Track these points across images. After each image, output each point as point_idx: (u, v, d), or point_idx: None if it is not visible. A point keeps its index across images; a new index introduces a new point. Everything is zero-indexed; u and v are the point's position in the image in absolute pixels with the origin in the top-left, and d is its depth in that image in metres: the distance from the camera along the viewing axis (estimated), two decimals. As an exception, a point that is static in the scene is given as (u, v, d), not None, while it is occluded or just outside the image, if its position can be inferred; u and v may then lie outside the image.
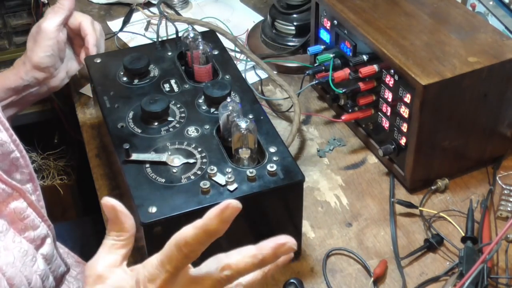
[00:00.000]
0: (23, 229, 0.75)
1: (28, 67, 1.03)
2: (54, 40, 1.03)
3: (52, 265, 0.81)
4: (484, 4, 1.10)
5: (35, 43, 1.03)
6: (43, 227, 0.78)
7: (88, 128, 1.11)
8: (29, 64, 1.03)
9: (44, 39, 1.03)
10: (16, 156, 0.77)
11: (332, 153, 1.05)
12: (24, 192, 0.75)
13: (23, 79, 1.04)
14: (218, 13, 1.34)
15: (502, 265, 0.86)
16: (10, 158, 0.76)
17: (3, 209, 0.73)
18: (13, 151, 0.76)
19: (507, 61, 0.89)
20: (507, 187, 0.95)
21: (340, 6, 1.02)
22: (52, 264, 0.81)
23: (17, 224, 0.75)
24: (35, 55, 1.03)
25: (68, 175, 1.80)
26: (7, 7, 1.79)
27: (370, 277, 0.85)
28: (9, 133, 0.76)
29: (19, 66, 1.05)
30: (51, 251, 0.80)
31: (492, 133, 0.97)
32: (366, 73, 0.96)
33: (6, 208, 0.73)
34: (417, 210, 0.93)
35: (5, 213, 0.73)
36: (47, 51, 1.03)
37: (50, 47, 1.03)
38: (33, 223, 0.76)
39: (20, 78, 1.03)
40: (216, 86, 0.90)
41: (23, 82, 1.04)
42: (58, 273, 0.84)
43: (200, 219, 0.57)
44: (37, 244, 0.77)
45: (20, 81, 1.04)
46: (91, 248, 0.66)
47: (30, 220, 0.76)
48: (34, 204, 0.77)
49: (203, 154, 0.82)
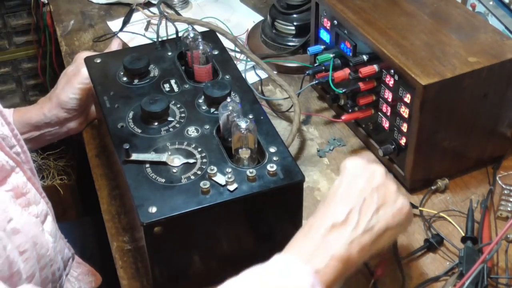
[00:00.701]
0: (26, 204, 0.77)
1: (54, 104, 1.05)
2: (87, 86, 1.04)
3: (57, 243, 0.82)
4: (484, 4, 1.10)
5: (67, 82, 1.05)
6: (43, 203, 0.80)
7: (88, 128, 1.11)
8: (55, 101, 1.05)
9: (79, 82, 1.04)
10: (18, 151, 0.77)
11: (332, 153, 1.05)
12: (22, 165, 0.76)
13: (46, 115, 1.05)
14: (218, 13, 1.34)
15: (502, 265, 0.86)
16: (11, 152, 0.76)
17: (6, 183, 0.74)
18: (14, 146, 0.77)
19: (507, 61, 0.89)
20: (507, 187, 0.95)
21: (340, 6, 1.02)
22: (57, 242, 0.82)
23: (21, 198, 0.76)
24: (64, 94, 1.04)
25: (68, 175, 1.80)
26: (7, 7, 1.80)
27: (371, 277, 0.85)
28: (10, 127, 0.76)
29: (44, 103, 1.06)
30: (54, 228, 0.82)
31: (492, 133, 0.97)
32: (366, 73, 0.96)
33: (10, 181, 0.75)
34: (417, 210, 0.93)
35: (10, 187, 0.75)
36: (77, 94, 1.04)
37: (81, 91, 1.05)
38: (34, 198, 0.78)
39: (42, 114, 1.05)
40: (216, 86, 0.90)
41: (45, 119, 1.05)
42: (64, 254, 0.85)
43: None
44: (41, 220, 0.79)
45: (42, 117, 1.05)
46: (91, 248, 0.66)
47: (32, 194, 0.78)
48: (32, 179, 0.79)
49: (203, 154, 0.82)
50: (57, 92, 1.05)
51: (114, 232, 0.93)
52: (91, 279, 1.00)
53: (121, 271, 0.88)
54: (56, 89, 1.06)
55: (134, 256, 0.90)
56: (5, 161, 0.73)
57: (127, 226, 0.93)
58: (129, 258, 0.89)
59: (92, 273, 1.00)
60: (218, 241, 0.81)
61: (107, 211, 0.96)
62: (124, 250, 0.90)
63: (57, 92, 1.05)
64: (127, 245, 0.91)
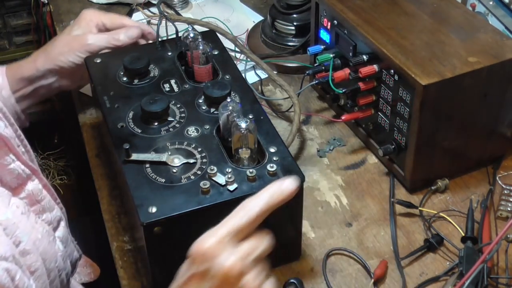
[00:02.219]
0: (40, 211, 0.78)
1: (49, 61, 1.03)
2: (88, 54, 1.02)
3: (67, 248, 0.83)
4: (484, 4, 1.10)
5: (68, 45, 1.02)
6: (57, 210, 0.81)
7: (88, 128, 1.11)
8: (51, 59, 1.02)
9: (80, 50, 1.02)
10: (21, 151, 0.78)
11: (332, 153, 1.05)
12: (39, 173, 0.77)
13: (38, 69, 1.03)
14: (218, 13, 1.34)
15: (502, 265, 0.86)
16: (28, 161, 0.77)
17: (22, 191, 0.75)
18: (18, 146, 0.77)
19: (507, 61, 0.89)
20: (507, 187, 0.95)
21: (340, 6, 1.02)
22: (68, 247, 0.83)
23: (35, 206, 0.77)
24: (63, 56, 1.02)
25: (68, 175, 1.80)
26: (7, 7, 1.80)
27: (370, 277, 0.85)
28: (14, 128, 0.77)
29: (38, 56, 1.04)
30: (66, 234, 0.83)
31: (492, 133, 0.97)
32: (366, 73, 0.96)
33: (25, 189, 0.75)
34: (417, 210, 0.93)
35: (25, 194, 0.75)
36: (76, 60, 1.03)
37: (82, 59, 1.02)
38: (49, 205, 0.79)
39: (35, 68, 1.03)
40: (216, 86, 0.90)
41: (37, 73, 1.03)
42: (73, 257, 0.86)
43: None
44: (54, 227, 0.80)
45: (34, 72, 1.03)
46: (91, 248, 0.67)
47: (46, 201, 0.79)
48: (48, 186, 0.79)
49: (203, 154, 0.82)
50: (55, 52, 1.02)
51: (114, 232, 0.93)
52: (89, 271, 1.00)
53: (121, 271, 0.88)
54: (54, 46, 1.03)
55: (134, 256, 0.90)
56: (21, 170, 0.74)
57: (127, 226, 0.93)
58: (129, 258, 0.89)
59: (90, 264, 1.00)
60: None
61: (107, 211, 0.96)
62: (124, 250, 0.90)
63: (55, 51, 1.03)
64: (127, 245, 0.91)
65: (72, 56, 1.02)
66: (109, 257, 0.91)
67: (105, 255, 0.95)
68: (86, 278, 0.98)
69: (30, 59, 1.05)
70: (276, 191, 0.65)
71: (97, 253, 1.06)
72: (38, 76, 1.04)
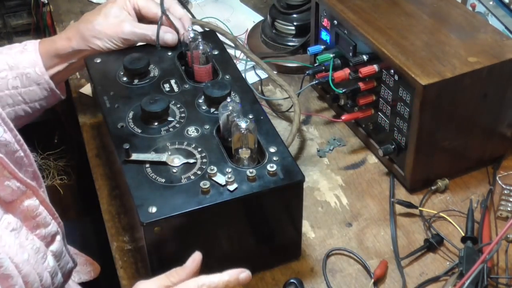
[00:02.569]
0: (35, 226, 0.77)
1: (83, 41, 1.02)
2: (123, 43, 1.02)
3: (61, 261, 0.82)
4: (484, 4, 1.10)
5: (104, 32, 1.01)
6: (53, 225, 0.80)
7: (88, 128, 1.11)
8: (85, 41, 1.02)
9: (116, 38, 1.01)
10: (20, 156, 0.78)
11: (332, 153, 1.05)
12: (37, 190, 0.77)
13: (73, 48, 1.02)
14: (218, 13, 1.34)
15: (502, 265, 0.86)
16: (15, 157, 0.77)
17: (17, 206, 0.75)
18: (17, 151, 0.77)
19: (507, 61, 0.89)
20: (507, 187, 0.95)
21: (340, 6, 1.02)
22: (61, 260, 0.83)
23: (29, 221, 0.76)
24: (99, 42, 1.01)
25: (68, 175, 1.80)
26: (7, 7, 1.80)
27: (370, 277, 0.85)
28: (13, 133, 0.77)
29: (73, 35, 1.03)
30: (60, 248, 0.82)
31: (492, 133, 0.97)
32: (366, 73, 0.96)
33: (20, 205, 0.75)
34: (417, 210, 0.93)
35: (19, 210, 0.75)
36: (111, 46, 1.02)
37: (115, 45, 1.02)
38: (44, 221, 0.78)
39: (70, 47, 1.02)
40: (216, 86, 0.90)
41: (72, 52, 1.03)
42: (66, 269, 0.86)
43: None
44: (47, 241, 0.79)
45: (69, 50, 1.02)
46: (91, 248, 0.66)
47: (42, 217, 0.78)
48: (46, 202, 0.79)
49: (203, 154, 0.82)
50: (90, 35, 1.02)
51: (114, 232, 0.93)
52: (89, 269, 1.00)
53: (121, 271, 0.88)
54: (88, 29, 1.02)
55: (134, 256, 0.90)
56: (16, 187, 0.74)
57: (127, 226, 0.93)
58: (129, 258, 0.89)
59: (90, 263, 1.00)
60: (218, 241, 0.81)
61: (107, 211, 0.96)
62: (124, 250, 0.90)
63: (90, 34, 1.02)
64: (127, 245, 0.91)
65: (107, 42, 1.02)
66: (109, 257, 0.91)
67: (105, 255, 0.95)
68: (86, 276, 0.98)
69: (63, 36, 1.04)
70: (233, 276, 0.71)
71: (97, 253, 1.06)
72: (72, 54, 1.03)
